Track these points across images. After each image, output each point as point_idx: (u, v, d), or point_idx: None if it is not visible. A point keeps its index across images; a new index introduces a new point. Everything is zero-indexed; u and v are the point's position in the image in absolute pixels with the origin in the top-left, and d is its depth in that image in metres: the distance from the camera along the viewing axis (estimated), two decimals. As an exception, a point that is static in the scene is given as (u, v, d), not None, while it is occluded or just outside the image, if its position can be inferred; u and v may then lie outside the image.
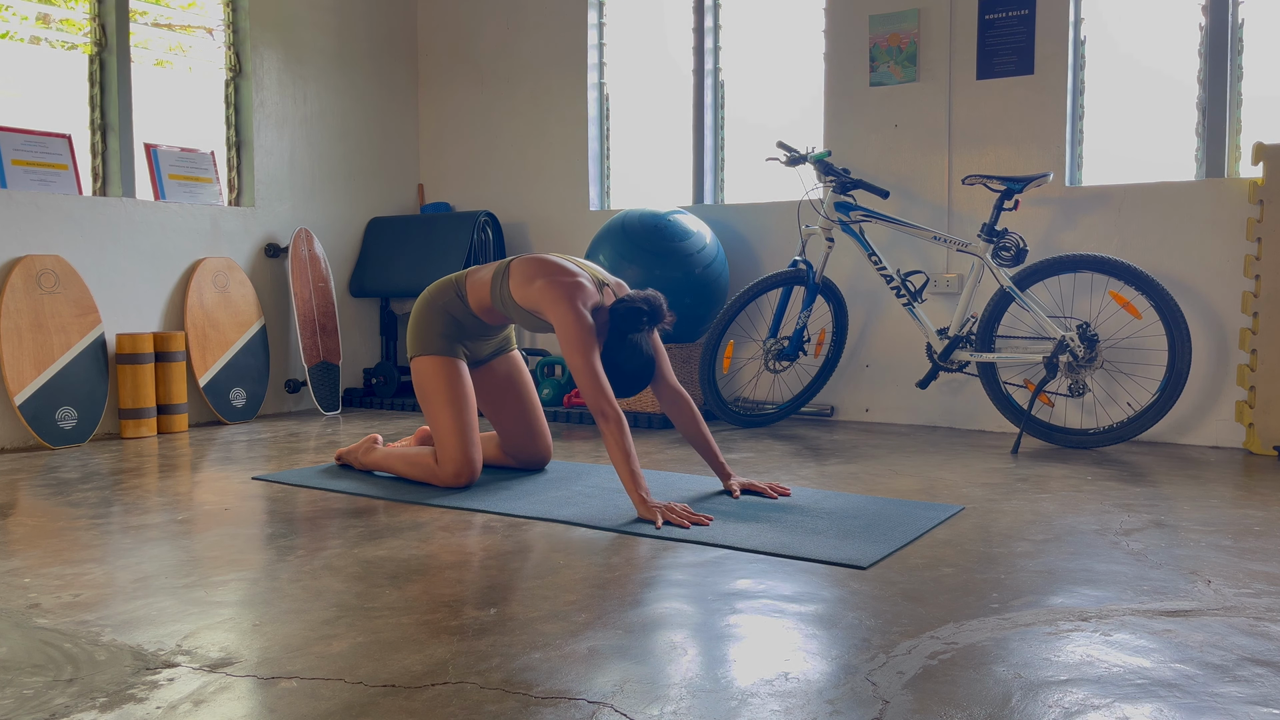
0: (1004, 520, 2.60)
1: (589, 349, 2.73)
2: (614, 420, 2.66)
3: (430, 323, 3.07)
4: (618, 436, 2.64)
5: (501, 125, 5.41)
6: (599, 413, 2.67)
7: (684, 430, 2.93)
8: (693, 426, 2.91)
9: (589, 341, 2.74)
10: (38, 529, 2.56)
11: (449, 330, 3.06)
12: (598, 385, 2.69)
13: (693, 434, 2.91)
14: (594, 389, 2.69)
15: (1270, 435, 3.56)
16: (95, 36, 4.32)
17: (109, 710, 1.45)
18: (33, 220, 3.99)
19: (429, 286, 3.18)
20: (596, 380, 2.69)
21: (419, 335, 3.08)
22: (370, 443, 3.25)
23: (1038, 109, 4.04)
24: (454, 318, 3.07)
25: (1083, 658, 1.63)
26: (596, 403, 2.68)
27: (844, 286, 4.48)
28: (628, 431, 2.66)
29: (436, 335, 3.05)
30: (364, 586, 2.04)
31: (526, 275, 2.90)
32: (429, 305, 3.09)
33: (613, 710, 1.44)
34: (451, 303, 3.06)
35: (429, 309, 3.09)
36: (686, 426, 2.92)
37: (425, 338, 3.06)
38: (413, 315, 3.13)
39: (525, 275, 2.91)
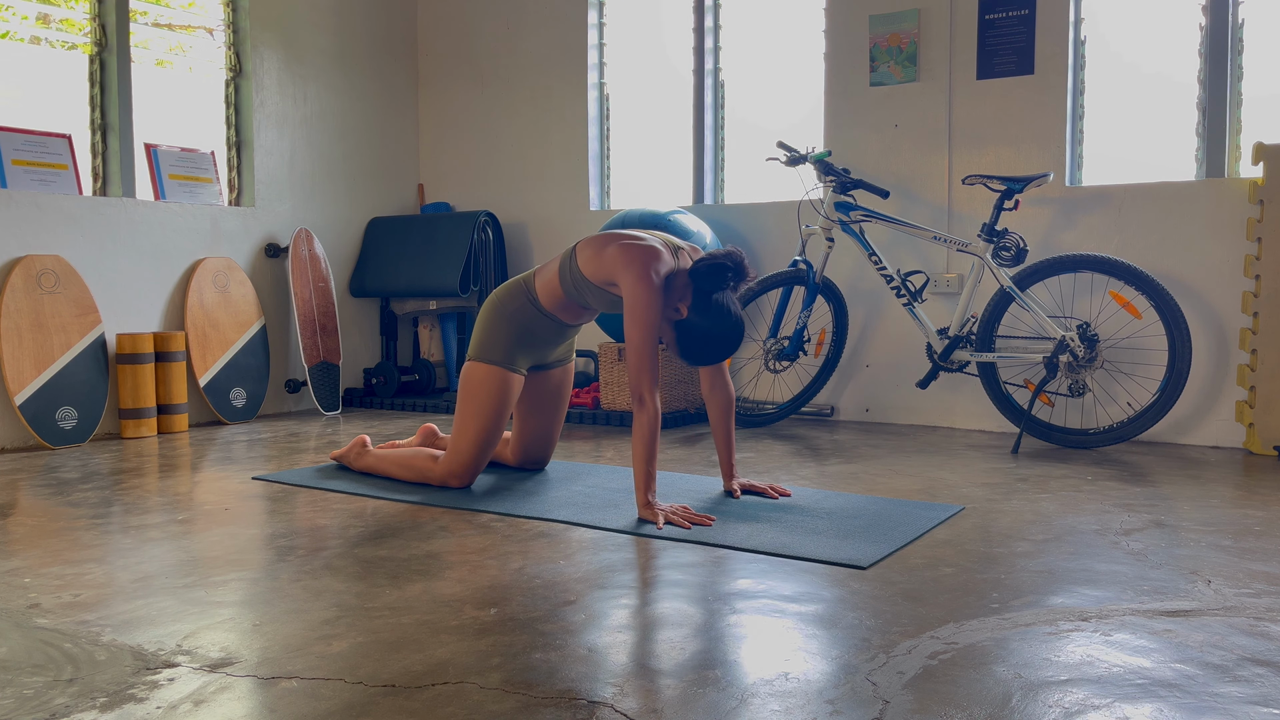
0: (1004, 520, 2.60)
1: (650, 326, 2.60)
2: (649, 413, 2.57)
3: (496, 330, 2.95)
4: (647, 432, 2.57)
5: (501, 125, 5.41)
6: (638, 399, 2.58)
7: (714, 421, 2.89)
8: (724, 422, 2.88)
9: (653, 319, 2.61)
10: (38, 529, 2.56)
11: (517, 339, 2.95)
12: (645, 368, 2.59)
13: (721, 429, 2.89)
14: (641, 371, 2.59)
15: (1270, 435, 3.56)
16: (95, 36, 4.32)
17: (109, 710, 1.45)
18: (33, 220, 3.99)
19: (498, 289, 3.03)
20: (647, 363, 2.59)
21: (482, 340, 2.96)
22: (360, 445, 3.25)
23: (1038, 109, 4.04)
24: (523, 324, 2.95)
25: (1083, 658, 1.63)
26: (638, 387, 2.58)
27: (844, 286, 4.48)
28: (658, 429, 2.59)
29: (500, 345, 2.95)
30: (364, 586, 2.04)
31: (596, 246, 2.77)
32: (498, 312, 2.96)
33: (613, 710, 1.44)
34: (522, 308, 2.94)
35: (497, 315, 2.96)
36: (718, 420, 2.89)
37: (488, 345, 2.95)
38: (480, 318, 3.00)
39: (595, 247, 2.78)
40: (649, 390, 2.59)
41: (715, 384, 2.89)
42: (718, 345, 2.67)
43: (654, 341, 2.61)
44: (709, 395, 2.89)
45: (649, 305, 2.61)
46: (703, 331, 2.65)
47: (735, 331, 2.66)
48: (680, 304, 2.69)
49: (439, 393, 5.31)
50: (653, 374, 2.60)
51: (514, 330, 2.95)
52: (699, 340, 2.66)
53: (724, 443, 2.89)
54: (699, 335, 2.66)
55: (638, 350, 2.60)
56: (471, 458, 2.94)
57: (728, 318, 2.64)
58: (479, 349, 2.97)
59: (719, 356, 2.71)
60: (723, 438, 2.89)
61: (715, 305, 2.64)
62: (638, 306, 2.62)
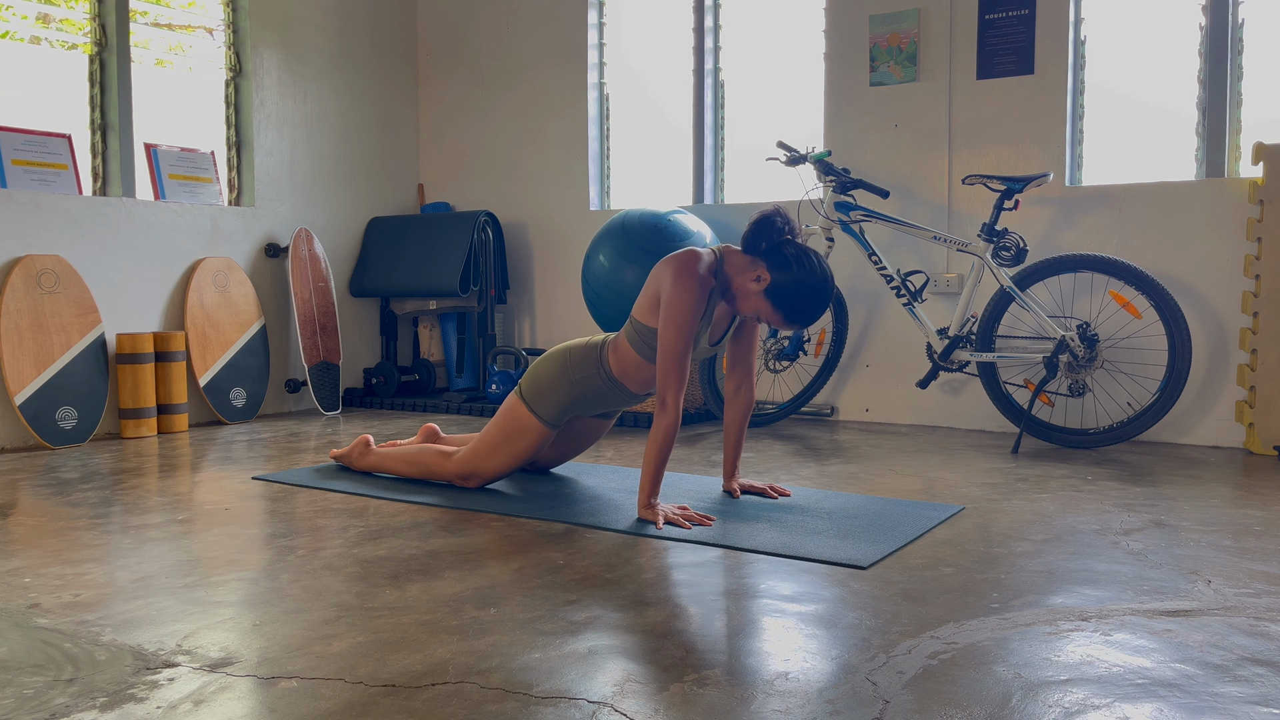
0: (1004, 520, 2.60)
1: (684, 329, 2.54)
2: (670, 417, 2.54)
3: (557, 389, 2.86)
4: (664, 436, 2.55)
5: (501, 125, 5.41)
6: (661, 402, 2.55)
7: (731, 422, 2.88)
8: (739, 424, 2.87)
9: (687, 321, 2.54)
10: (38, 529, 2.56)
11: (573, 403, 2.88)
12: (673, 371, 2.54)
13: (735, 430, 2.88)
14: (669, 374, 2.54)
15: (1270, 435, 3.56)
16: (95, 36, 4.32)
17: (109, 710, 1.45)
18: (33, 220, 3.99)
19: (572, 345, 2.90)
20: (675, 366, 2.54)
21: (540, 391, 2.87)
22: (363, 445, 3.24)
23: (1038, 109, 4.04)
24: (585, 393, 2.86)
25: (1083, 658, 1.63)
26: (664, 390, 2.54)
27: (844, 286, 4.48)
28: (675, 435, 2.57)
29: (555, 406, 2.87)
30: (364, 586, 2.04)
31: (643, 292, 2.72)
32: (563, 373, 2.85)
33: (613, 710, 1.44)
34: (590, 377, 2.84)
35: (562, 376, 2.85)
36: (735, 421, 2.87)
37: (543, 399, 2.87)
38: (547, 364, 2.89)
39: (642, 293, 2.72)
40: (674, 394, 2.55)
41: (743, 386, 2.86)
42: (816, 291, 2.56)
43: (687, 345, 2.56)
44: (732, 397, 2.86)
45: (683, 306, 2.54)
46: (794, 283, 2.55)
47: (824, 271, 2.57)
48: (753, 278, 2.60)
49: (439, 393, 5.31)
50: (680, 378, 2.55)
51: (574, 396, 2.87)
52: (795, 293, 2.56)
53: (734, 444, 2.89)
54: (792, 289, 2.55)
55: (668, 354, 2.55)
56: (488, 477, 2.96)
57: (808, 260, 2.56)
58: (534, 397, 2.87)
59: (824, 301, 2.58)
60: (734, 439, 2.89)
61: (790, 254, 2.56)
62: (672, 307, 2.55)
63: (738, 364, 2.86)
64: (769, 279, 2.58)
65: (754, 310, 2.64)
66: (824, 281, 2.58)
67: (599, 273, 4.37)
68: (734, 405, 2.86)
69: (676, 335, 2.55)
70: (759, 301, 2.61)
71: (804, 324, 2.63)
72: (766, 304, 2.60)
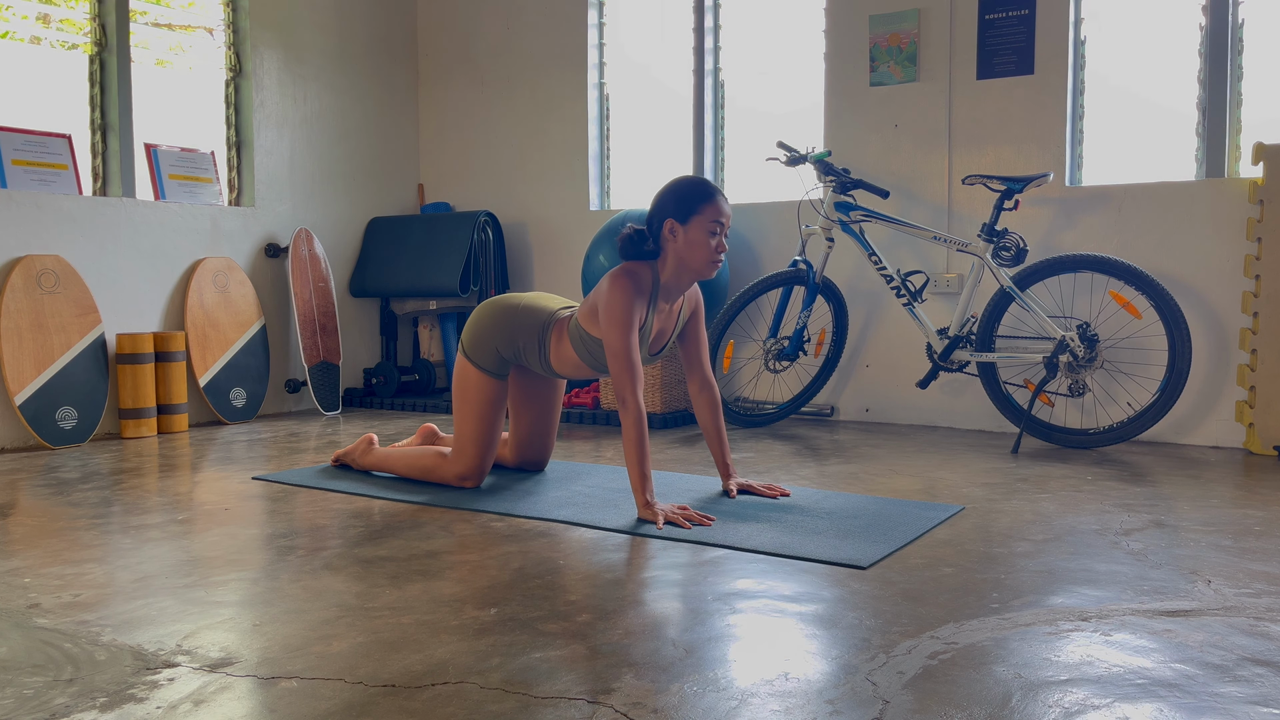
0: (1004, 520, 2.60)
1: (624, 326, 2.61)
2: (634, 413, 2.58)
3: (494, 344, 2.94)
4: (635, 433, 2.58)
5: (501, 125, 5.41)
6: (620, 401, 2.59)
7: (704, 421, 2.91)
8: (713, 420, 2.90)
9: (625, 319, 2.61)
10: (38, 529, 2.56)
11: (513, 359, 2.96)
12: (628, 370, 2.59)
13: (711, 427, 2.90)
14: (623, 373, 2.59)
15: (1270, 435, 3.56)
16: (95, 36, 4.32)
17: (109, 710, 1.45)
18: (33, 220, 3.99)
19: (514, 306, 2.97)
20: (629, 365, 2.60)
21: (481, 345, 2.95)
22: (366, 443, 3.25)
23: (1038, 109, 4.04)
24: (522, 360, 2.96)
25: (1083, 658, 1.63)
26: (621, 389, 2.59)
27: (844, 286, 4.48)
28: (645, 428, 2.60)
29: (497, 357, 2.95)
30: (364, 586, 2.04)
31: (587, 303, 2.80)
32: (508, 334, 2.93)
33: (613, 710, 1.44)
34: (529, 348, 2.91)
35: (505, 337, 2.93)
36: (707, 419, 2.90)
37: (485, 352, 2.95)
38: (485, 318, 2.97)
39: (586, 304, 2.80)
40: (631, 391, 2.59)
41: (703, 384, 2.91)
42: (684, 180, 2.72)
43: (630, 342, 2.62)
44: (697, 396, 2.91)
45: (620, 304, 2.62)
46: (671, 190, 2.70)
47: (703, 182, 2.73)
48: (669, 235, 2.70)
49: (439, 393, 5.30)
50: (632, 375, 2.61)
51: (511, 354, 2.95)
52: (677, 190, 2.69)
53: (717, 441, 2.91)
54: (673, 193, 2.69)
55: (615, 354, 2.62)
56: (476, 456, 2.96)
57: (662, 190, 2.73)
58: (475, 350, 2.96)
59: (699, 180, 2.72)
60: (714, 436, 2.91)
61: (650, 211, 2.73)
62: (610, 308, 2.63)
63: (692, 366, 2.92)
64: (671, 222, 2.68)
65: (695, 246, 2.68)
66: (681, 177, 2.75)
67: (599, 273, 4.37)
68: (701, 404, 2.90)
69: (619, 334, 2.61)
70: (688, 236, 2.67)
71: (707, 198, 2.68)
72: (689, 228, 2.67)
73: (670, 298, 2.78)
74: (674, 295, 2.79)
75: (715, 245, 2.68)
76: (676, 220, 2.67)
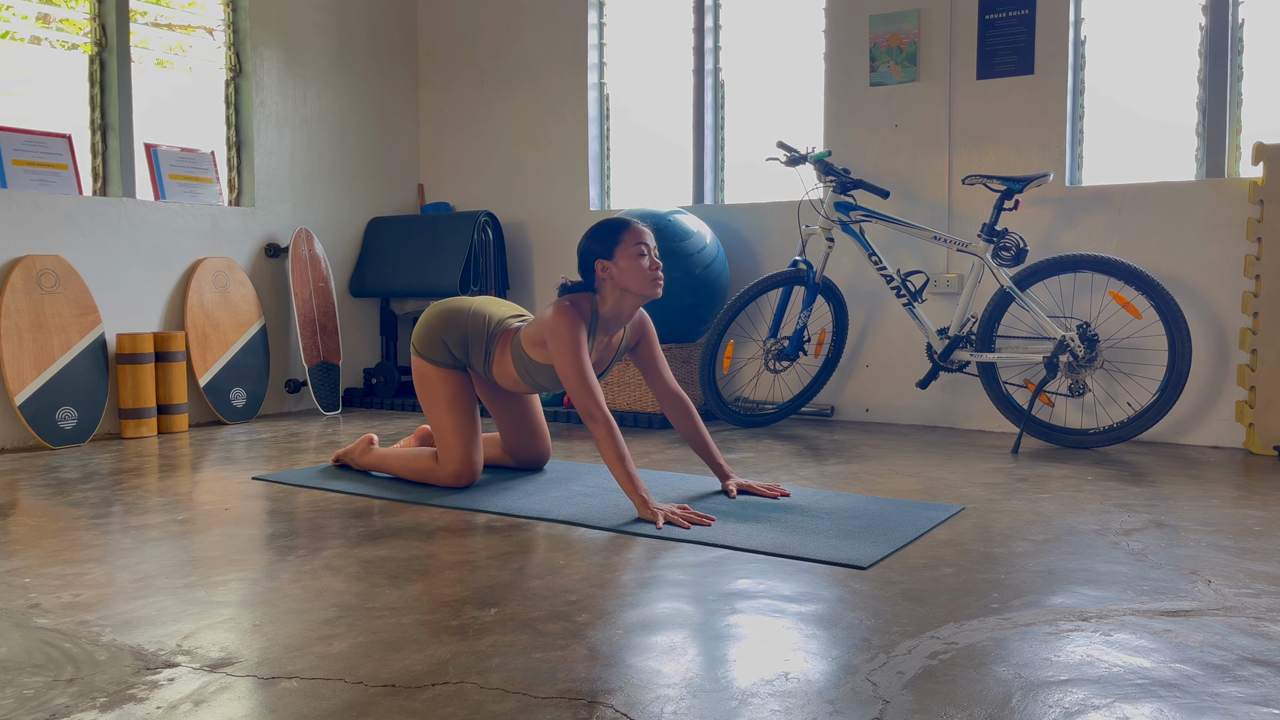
0: (1004, 520, 2.60)
1: (574, 350, 2.72)
2: (603, 423, 2.65)
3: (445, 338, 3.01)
4: (609, 440, 2.64)
5: (501, 125, 5.41)
6: (588, 416, 2.66)
7: (683, 431, 2.94)
8: (691, 428, 2.93)
9: (576, 345, 2.73)
10: (38, 529, 2.56)
11: (462, 356, 3.03)
12: (586, 389, 2.68)
13: (692, 435, 2.93)
14: (582, 392, 2.68)
15: (1270, 435, 3.56)
16: (95, 36, 4.32)
17: (109, 710, 1.45)
18: (33, 220, 3.99)
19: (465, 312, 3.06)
20: (585, 384, 2.69)
21: (431, 341, 3.02)
22: (366, 443, 3.25)
23: (1038, 109, 4.04)
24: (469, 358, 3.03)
25: (1083, 658, 1.63)
26: (585, 406, 2.67)
27: (844, 286, 4.48)
28: (619, 433, 2.66)
29: (447, 351, 3.02)
30: (364, 586, 2.04)
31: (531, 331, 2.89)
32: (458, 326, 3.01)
33: (613, 710, 1.44)
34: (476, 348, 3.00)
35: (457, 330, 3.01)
36: (685, 428, 2.94)
37: (436, 347, 3.02)
38: (434, 318, 3.05)
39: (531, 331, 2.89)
40: (595, 405, 2.67)
41: (673, 398, 2.96)
42: (603, 222, 2.83)
43: (581, 362, 2.72)
44: (671, 409, 2.95)
45: (564, 328, 2.73)
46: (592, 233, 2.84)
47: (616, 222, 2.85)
48: (604, 277, 2.81)
49: (439, 393, 5.30)
50: (591, 390, 2.69)
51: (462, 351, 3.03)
52: (596, 232, 2.83)
53: (701, 443, 2.93)
54: (594, 235, 2.83)
55: (569, 376, 2.71)
56: (460, 450, 2.97)
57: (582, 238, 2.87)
58: (426, 347, 3.04)
59: (616, 220, 2.84)
60: (700, 443, 2.93)
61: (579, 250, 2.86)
62: (557, 335, 2.74)
63: (656, 383, 2.98)
64: (600, 261, 2.80)
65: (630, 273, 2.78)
66: (600, 221, 2.89)
67: (599, 273, 4.37)
68: (676, 415, 2.95)
69: (571, 357, 2.72)
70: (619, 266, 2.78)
71: (624, 227, 2.80)
72: (617, 260, 2.79)
73: (609, 330, 2.90)
74: (613, 328, 2.91)
75: (649, 265, 2.80)
76: (604, 258, 2.80)
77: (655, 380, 2.97)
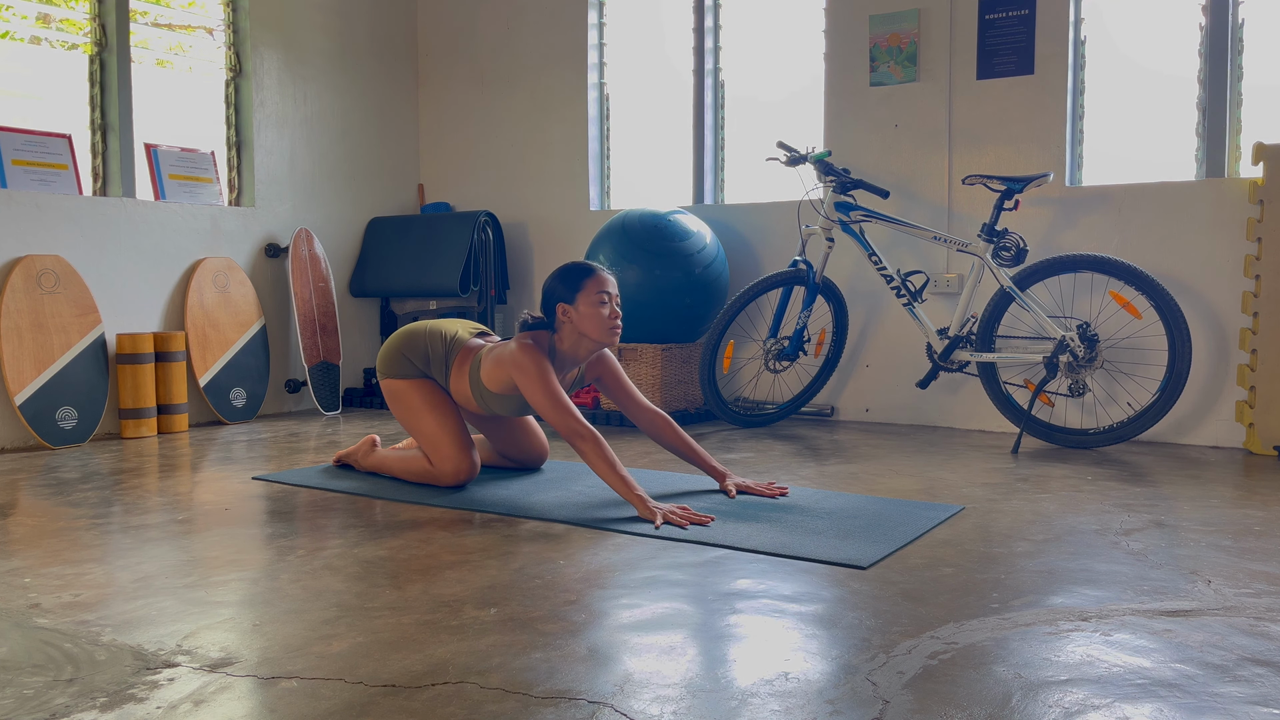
0: (1004, 520, 2.60)
1: (546, 380, 2.76)
2: (589, 438, 2.68)
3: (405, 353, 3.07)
4: (599, 451, 2.66)
5: (501, 125, 5.41)
6: (575, 435, 2.69)
7: (668, 444, 2.96)
8: (675, 438, 2.95)
9: (545, 376, 2.76)
10: (38, 529, 2.56)
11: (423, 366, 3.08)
12: (565, 412, 2.71)
13: (677, 446, 2.95)
14: (562, 416, 2.71)
15: (1270, 435, 3.56)
16: (95, 36, 4.32)
17: (109, 710, 1.45)
18: (33, 220, 3.99)
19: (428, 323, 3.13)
20: (563, 409, 2.72)
21: (393, 360, 3.08)
22: (369, 444, 3.26)
23: (1038, 109, 4.04)
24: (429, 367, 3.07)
25: (1083, 658, 1.63)
26: (569, 428, 2.70)
27: (844, 286, 4.48)
28: (605, 442, 2.69)
29: (410, 364, 3.07)
30: (364, 586, 2.04)
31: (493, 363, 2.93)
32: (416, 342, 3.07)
33: (613, 710, 1.44)
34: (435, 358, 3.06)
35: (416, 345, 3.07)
36: (669, 440, 2.96)
37: (399, 363, 3.07)
38: (393, 340, 3.12)
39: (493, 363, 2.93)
40: (577, 422, 2.71)
41: (649, 416, 2.97)
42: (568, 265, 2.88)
43: (554, 389, 2.75)
44: (649, 426, 2.97)
45: (530, 363, 2.77)
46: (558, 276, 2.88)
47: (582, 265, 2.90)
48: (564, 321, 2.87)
49: (439, 393, 5.30)
50: (568, 412, 2.72)
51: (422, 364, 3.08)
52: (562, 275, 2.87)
53: (690, 451, 2.94)
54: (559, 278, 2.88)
55: (547, 408, 2.74)
56: (452, 448, 2.98)
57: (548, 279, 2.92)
58: (390, 367, 3.08)
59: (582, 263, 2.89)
60: (688, 450, 2.94)
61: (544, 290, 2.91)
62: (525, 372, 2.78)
63: (629, 406, 3.00)
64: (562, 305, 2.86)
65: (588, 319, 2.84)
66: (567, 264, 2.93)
67: (599, 273, 4.37)
68: (654, 430, 2.97)
69: (543, 388, 2.75)
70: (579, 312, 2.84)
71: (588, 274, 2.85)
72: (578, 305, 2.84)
73: (564, 368, 2.94)
74: (568, 366, 2.95)
75: (608, 314, 2.84)
76: (565, 301, 2.85)
77: (628, 405, 2.99)
